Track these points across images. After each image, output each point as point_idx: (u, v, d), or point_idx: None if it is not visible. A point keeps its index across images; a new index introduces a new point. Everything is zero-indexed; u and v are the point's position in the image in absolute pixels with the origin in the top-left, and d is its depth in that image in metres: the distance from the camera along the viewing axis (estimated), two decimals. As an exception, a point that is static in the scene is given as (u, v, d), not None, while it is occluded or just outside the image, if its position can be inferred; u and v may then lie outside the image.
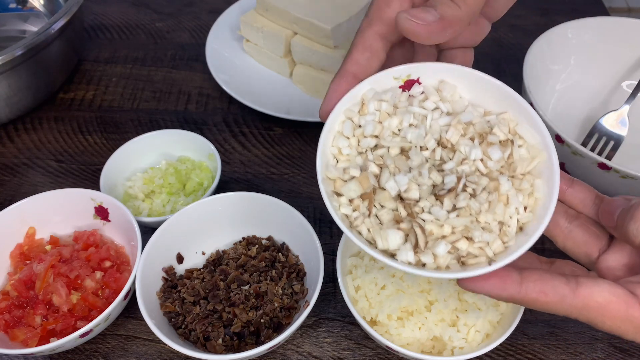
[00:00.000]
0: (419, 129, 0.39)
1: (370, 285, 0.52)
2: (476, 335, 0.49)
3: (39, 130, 0.76)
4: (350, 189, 0.38)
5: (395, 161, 0.38)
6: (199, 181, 0.65)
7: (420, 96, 0.42)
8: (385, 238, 0.36)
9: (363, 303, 0.51)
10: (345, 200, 0.38)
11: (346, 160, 0.40)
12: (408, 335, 0.49)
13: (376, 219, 0.37)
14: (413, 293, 0.50)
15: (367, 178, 0.38)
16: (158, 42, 0.91)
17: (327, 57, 0.75)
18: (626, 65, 0.74)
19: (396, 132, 0.40)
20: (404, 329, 0.49)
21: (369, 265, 0.53)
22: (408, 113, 0.40)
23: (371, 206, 0.38)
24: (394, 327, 0.49)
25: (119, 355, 0.54)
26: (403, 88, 0.42)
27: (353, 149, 0.40)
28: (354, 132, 0.40)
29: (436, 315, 0.50)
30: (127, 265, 0.58)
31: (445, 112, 0.40)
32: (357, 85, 0.40)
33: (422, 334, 0.49)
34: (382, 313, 0.50)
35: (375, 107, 0.41)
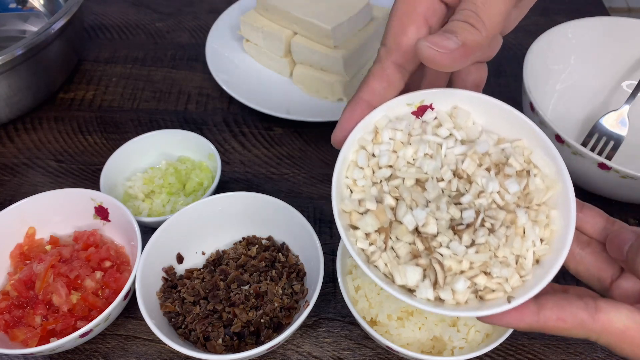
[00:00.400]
0: (435, 160, 0.39)
1: (370, 285, 0.52)
2: (476, 335, 0.49)
3: (39, 130, 0.76)
4: (367, 223, 0.38)
5: (412, 193, 0.38)
6: (199, 181, 0.65)
7: (434, 122, 0.41)
8: (403, 274, 0.36)
9: (363, 303, 0.51)
10: (362, 234, 0.38)
11: (361, 191, 0.40)
12: (408, 336, 0.49)
13: (392, 252, 0.37)
14: None
15: (383, 212, 0.38)
16: (158, 42, 0.91)
17: (327, 57, 0.75)
18: (626, 65, 0.74)
19: (411, 161, 0.40)
20: (404, 329, 0.49)
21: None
22: (423, 142, 0.40)
23: (387, 239, 0.37)
24: (394, 327, 0.49)
25: (119, 355, 0.54)
26: (416, 114, 0.42)
27: (368, 179, 0.40)
28: (368, 162, 0.40)
29: (436, 316, 0.49)
30: (127, 265, 0.58)
31: (459, 140, 0.40)
32: (371, 113, 0.40)
33: (422, 334, 0.49)
34: (382, 313, 0.50)
35: (390, 136, 0.40)
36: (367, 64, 0.80)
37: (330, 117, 0.74)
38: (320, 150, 0.74)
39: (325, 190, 0.69)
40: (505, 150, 0.39)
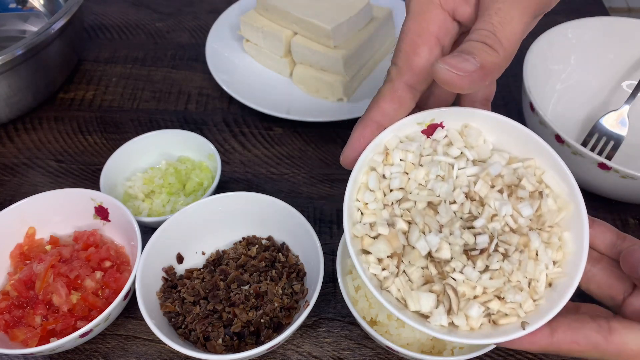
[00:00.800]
0: (447, 183, 0.39)
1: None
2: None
3: (39, 130, 0.76)
4: (380, 249, 0.38)
5: (424, 217, 0.38)
6: (199, 181, 0.65)
7: (444, 140, 0.41)
8: (417, 300, 0.36)
9: (363, 303, 0.51)
10: (374, 259, 0.38)
11: (372, 214, 0.39)
12: (408, 336, 0.49)
13: (405, 277, 0.37)
14: None
15: (396, 236, 0.38)
16: (158, 42, 0.91)
17: (327, 57, 0.75)
18: (626, 65, 0.74)
19: (422, 183, 0.40)
20: (403, 329, 0.49)
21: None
22: (434, 164, 0.40)
23: (399, 263, 0.38)
24: (393, 327, 0.49)
25: (119, 355, 0.54)
26: (426, 133, 0.41)
27: (379, 202, 0.40)
28: (379, 185, 0.40)
29: None
30: (127, 265, 0.58)
31: (470, 160, 0.40)
32: (381, 134, 0.40)
33: (421, 334, 0.49)
34: (382, 313, 0.50)
35: (401, 157, 0.40)
36: (367, 64, 0.80)
37: (330, 117, 0.74)
38: (320, 150, 0.74)
39: (325, 190, 0.69)
40: (517, 170, 0.39)
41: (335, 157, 0.73)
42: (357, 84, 0.80)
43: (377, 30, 0.79)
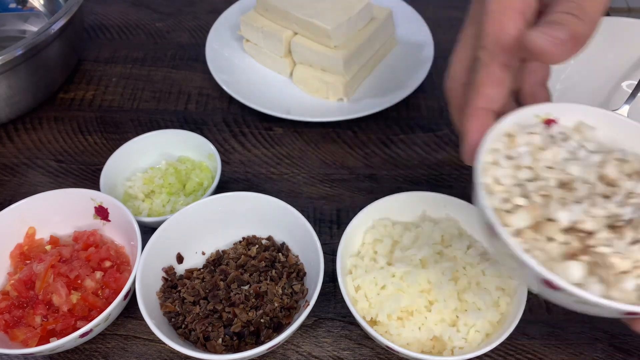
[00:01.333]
0: (578, 164, 0.38)
1: (370, 285, 0.52)
2: (476, 335, 0.49)
3: (39, 130, 0.77)
4: (520, 218, 0.36)
5: (560, 193, 0.37)
6: (199, 181, 0.65)
7: (560, 136, 0.41)
8: (565, 270, 0.34)
9: (363, 303, 0.51)
10: (511, 231, 0.36)
11: (504, 190, 0.38)
12: (408, 335, 0.49)
13: (544, 252, 0.35)
14: (413, 293, 0.50)
15: (536, 207, 0.36)
16: (158, 42, 0.91)
17: (327, 57, 0.75)
18: (626, 65, 0.74)
19: (550, 165, 0.39)
20: (404, 329, 0.49)
21: (369, 265, 0.53)
22: (561, 147, 0.39)
23: (542, 234, 0.36)
24: (394, 327, 0.49)
25: (119, 355, 0.54)
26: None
27: (509, 178, 0.38)
28: (507, 163, 0.39)
29: (436, 315, 0.50)
30: (127, 265, 0.58)
31: (591, 151, 0.40)
32: (501, 122, 0.39)
33: (422, 334, 0.49)
34: (382, 313, 0.50)
35: (526, 140, 0.40)
36: (367, 64, 0.80)
37: (330, 117, 0.74)
38: (320, 150, 0.74)
39: (325, 190, 0.69)
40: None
41: (335, 157, 0.73)
42: (357, 84, 0.80)
43: (377, 31, 0.79)
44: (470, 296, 0.50)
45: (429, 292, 0.51)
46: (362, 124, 0.76)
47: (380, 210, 0.57)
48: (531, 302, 0.58)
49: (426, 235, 0.55)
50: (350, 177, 0.70)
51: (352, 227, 0.54)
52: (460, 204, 0.56)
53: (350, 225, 0.54)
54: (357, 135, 0.75)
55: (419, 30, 0.86)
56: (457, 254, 0.53)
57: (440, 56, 0.81)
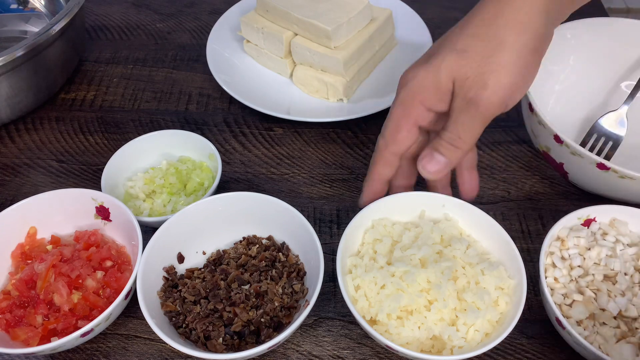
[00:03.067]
0: (619, 259, 0.53)
1: (370, 284, 0.52)
2: (475, 335, 0.49)
3: (40, 130, 0.77)
4: (579, 311, 0.51)
5: (606, 286, 0.52)
6: (199, 181, 0.65)
7: (599, 231, 0.56)
8: (619, 351, 0.48)
9: (363, 302, 0.51)
10: (573, 322, 0.51)
11: (562, 287, 0.53)
12: (408, 335, 0.49)
13: (600, 336, 0.49)
14: (413, 292, 0.50)
15: (590, 301, 0.51)
16: (159, 43, 0.91)
17: (327, 58, 0.75)
18: (625, 66, 0.74)
19: (597, 262, 0.54)
20: (403, 328, 0.49)
21: (369, 265, 0.54)
22: (604, 246, 0.54)
23: (595, 324, 0.51)
24: (393, 326, 0.50)
25: (120, 355, 0.55)
26: (585, 225, 0.57)
27: (566, 277, 0.54)
28: (562, 265, 0.54)
29: (435, 315, 0.50)
30: (128, 264, 0.58)
31: (626, 244, 0.55)
32: (553, 228, 0.55)
33: (421, 333, 0.49)
34: (381, 312, 0.50)
35: (575, 243, 0.55)
36: (367, 65, 0.80)
37: (330, 117, 0.74)
38: (320, 151, 0.74)
39: (325, 190, 0.69)
40: None
41: (335, 157, 0.73)
42: (357, 84, 0.80)
43: (377, 31, 0.79)
44: (469, 296, 0.50)
45: (429, 292, 0.51)
46: (362, 124, 0.77)
47: (379, 210, 0.57)
48: (531, 302, 0.58)
49: (425, 235, 0.55)
50: (350, 177, 0.70)
51: (351, 228, 0.55)
52: (459, 204, 0.57)
53: (350, 226, 0.54)
54: (357, 135, 0.76)
55: (418, 30, 0.86)
56: (456, 253, 0.54)
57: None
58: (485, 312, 0.50)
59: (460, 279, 0.52)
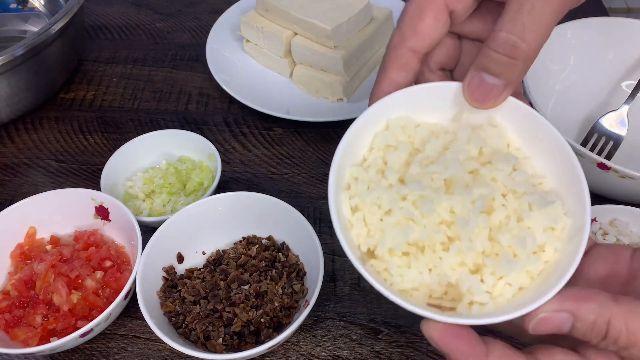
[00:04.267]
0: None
1: (372, 207, 0.38)
2: (505, 289, 0.36)
3: (40, 130, 0.77)
4: None
5: None
6: (199, 181, 0.65)
7: (599, 231, 0.56)
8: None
9: (360, 229, 0.38)
10: None
11: None
12: (413, 278, 0.36)
13: None
14: (428, 225, 0.37)
15: None
16: (158, 43, 0.91)
17: (327, 57, 0.75)
18: (626, 65, 0.74)
19: None
20: (409, 269, 0.37)
21: (374, 180, 0.39)
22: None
23: None
24: (395, 265, 0.37)
25: (120, 355, 0.55)
26: None
27: None
28: None
29: (455, 257, 0.36)
30: (127, 264, 0.58)
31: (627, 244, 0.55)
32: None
33: (432, 278, 0.36)
34: (382, 245, 0.37)
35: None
36: (367, 64, 0.80)
37: (330, 117, 0.74)
38: (320, 150, 0.74)
39: (325, 190, 0.68)
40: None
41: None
42: (357, 84, 0.80)
43: (377, 31, 0.79)
44: (506, 237, 0.36)
45: (450, 226, 0.37)
46: (362, 124, 0.77)
47: (399, 105, 0.41)
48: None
49: (458, 145, 0.40)
50: (350, 177, 0.70)
51: (357, 127, 0.40)
52: (514, 104, 0.39)
53: (356, 124, 0.40)
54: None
55: (418, 30, 0.86)
56: (497, 176, 0.38)
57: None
58: (525, 261, 0.36)
59: (497, 212, 0.37)
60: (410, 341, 0.55)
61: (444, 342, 0.33)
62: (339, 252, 0.62)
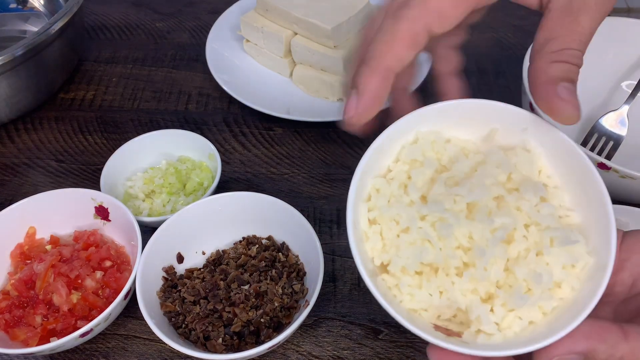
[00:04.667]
0: None
1: (390, 223, 0.38)
2: (514, 322, 0.35)
3: (40, 130, 0.77)
4: None
5: None
6: (199, 181, 0.65)
7: None
8: None
9: (376, 242, 0.38)
10: None
11: None
12: (423, 299, 0.36)
13: None
14: (444, 248, 0.36)
15: None
16: (158, 42, 0.91)
17: (327, 57, 0.75)
18: (626, 65, 0.74)
19: None
20: (419, 290, 0.36)
21: (396, 195, 0.39)
22: None
23: None
24: (407, 284, 0.36)
25: (119, 355, 0.55)
26: None
27: None
28: None
29: (468, 284, 0.36)
30: (127, 265, 0.58)
31: None
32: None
33: (442, 301, 0.36)
34: (395, 262, 0.37)
35: None
36: (367, 64, 0.80)
37: (330, 117, 0.74)
38: (320, 150, 0.74)
39: (325, 190, 0.69)
40: None
41: (335, 157, 0.73)
42: (357, 84, 0.80)
43: (377, 31, 0.79)
44: (522, 271, 0.35)
45: (467, 252, 0.36)
46: (362, 124, 0.76)
47: (431, 119, 0.40)
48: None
49: (488, 169, 0.38)
50: (350, 177, 0.70)
51: (385, 137, 0.39)
52: (549, 131, 0.38)
53: (384, 135, 0.39)
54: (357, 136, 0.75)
55: (419, 30, 0.86)
56: (522, 205, 0.37)
57: (440, 56, 0.81)
58: (538, 297, 0.35)
59: (516, 243, 0.36)
60: (410, 341, 0.55)
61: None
62: (339, 252, 0.62)
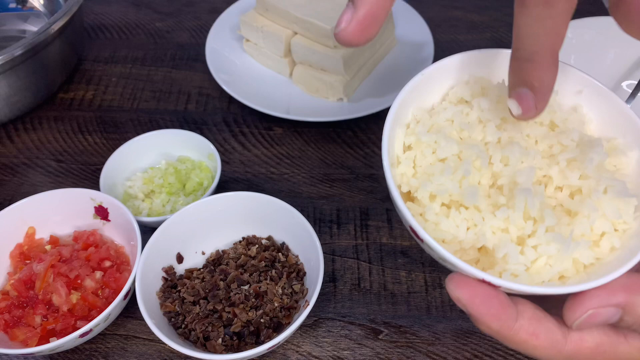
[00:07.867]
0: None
1: (427, 149, 0.36)
2: (544, 269, 0.32)
3: (39, 130, 0.77)
4: None
5: None
6: (198, 181, 0.65)
7: None
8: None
9: (406, 168, 0.36)
10: None
11: None
12: (447, 230, 0.33)
13: None
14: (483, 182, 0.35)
15: None
16: (158, 42, 0.91)
17: (327, 57, 0.75)
18: (626, 65, 0.74)
19: None
20: (446, 219, 0.33)
21: (439, 126, 0.37)
22: None
23: None
24: (433, 211, 0.34)
25: (119, 355, 0.54)
26: None
27: None
28: None
29: (500, 221, 0.33)
30: (127, 265, 0.58)
31: None
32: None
33: (468, 235, 0.33)
34: (424, 188, 0.34)
35: None
36: (367, 64, 0.80)
37: (330, 117, 0.74)
38: (320, 150, 0.74)
39: (325, 190, 0.69)
40: None
41: (335, 157, 0.73)
42: (357, 84, 0.80)
43: (377, 30, 0.79)
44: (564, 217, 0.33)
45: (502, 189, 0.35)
46: (362, 124, 0.76)
47: (483, 63, 0.38)
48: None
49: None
50: (350, 177, 0.70)
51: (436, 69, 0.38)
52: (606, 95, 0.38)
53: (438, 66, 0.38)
54: (357, 135, 0.75)
55: (419, 30, 0.86)
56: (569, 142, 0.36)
57: (440, 56, 0.81)
58: (576, 245, 0.32)
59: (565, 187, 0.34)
60: (410, 341, 0.55)
61: (474, 303, 0.30)
62: (339, 252, 0.62)
